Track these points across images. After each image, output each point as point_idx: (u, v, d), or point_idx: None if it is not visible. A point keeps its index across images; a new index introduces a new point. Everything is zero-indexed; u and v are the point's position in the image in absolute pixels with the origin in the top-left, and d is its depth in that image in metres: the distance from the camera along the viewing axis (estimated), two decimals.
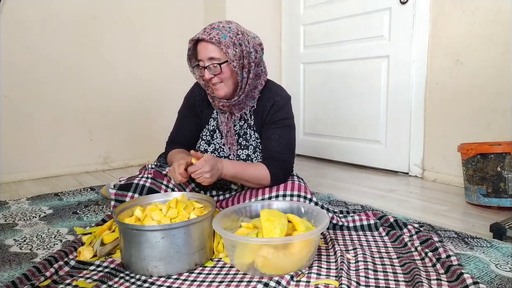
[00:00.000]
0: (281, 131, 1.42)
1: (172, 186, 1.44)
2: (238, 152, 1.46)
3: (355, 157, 2.56)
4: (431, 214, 1.60)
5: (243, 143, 1.46)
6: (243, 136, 1.46)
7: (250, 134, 1.46)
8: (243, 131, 1.46)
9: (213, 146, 1.48)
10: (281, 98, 1.44)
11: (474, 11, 1.92)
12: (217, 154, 1.47)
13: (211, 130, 1.50)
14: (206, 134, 1.50)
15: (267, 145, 1.41)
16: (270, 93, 1.44)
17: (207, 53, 1.30)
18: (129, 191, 1.34)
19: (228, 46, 1.29)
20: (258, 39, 1.40)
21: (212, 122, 1.50)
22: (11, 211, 1.65)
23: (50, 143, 2.36)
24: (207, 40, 1.29)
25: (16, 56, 2.20)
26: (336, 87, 2.61)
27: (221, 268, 1.09)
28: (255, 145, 1.46)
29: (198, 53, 1.34)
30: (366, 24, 2.38)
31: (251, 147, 1.46)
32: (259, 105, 1.44)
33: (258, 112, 1.45)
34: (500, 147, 1.59)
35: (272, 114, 1.42)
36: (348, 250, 1.19)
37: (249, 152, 1.46)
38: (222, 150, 1.48)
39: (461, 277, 0.95)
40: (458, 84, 2.02)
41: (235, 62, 1.31)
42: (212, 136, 1.49)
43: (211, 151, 1.48)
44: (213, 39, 1.28)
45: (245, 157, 1.45)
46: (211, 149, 1.48)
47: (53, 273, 1.03)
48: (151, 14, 2.65)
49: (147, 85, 2.67)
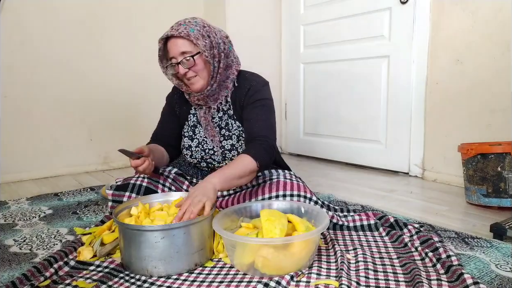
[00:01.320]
0: (259, 110, 1.41)
1: (169, 185, 1.45)
2: (223, 143, 1.47)
3: (355, 157, 2.56)
4: (431, 214, 1.60)
5: (226, 134, 1.47)
6: (225, 127, 1.47)
7: (232, 124, 1.47)
8: (224, 122, 1.47)
9: (197, 140, 1.50)
10: (257, 82, 1.45)
11: (474, 11, 1.92)
12: (201, 148, 1.49)
13: (192, 126, 1.51)
14: (187, 131, 1.52)
15: (247, 127, 1.40)
16: (246, 80, 1.46)
17: (178, 48, 1.32)
18: (126, 191, 1.36)
19: (198, 38, 1.31)
20: (224, 32, 1.44)
21: (192, 118, 1.52)
22: (11, 211, 1.64)
23: (50, 143, 2.36)
24: (177, 36, 1.31)
25: (16, 56, 2.20)
26: (336, 87, 2.61)
27: (221, 268, 1.09)
28: (238, 134, 1.47)
29: (169, 51, 1.35)
30: (366, 24, 2.38)
31: (234, 136, 1.47)
32: (236, 93, 1.45)
33: (235, 100, 1.45)
34: (500, 147, 1.59)
35: (249, 97, 1.42)
36: (348, 250, 1.18)
37: (233, 142, 1.47)
38: (205, 142, 1.49)
39: (462, 277, 0.95)
40: (458, 84, 2.02)
41: (207, 52, 1.32)
42: (193, 131, 1.51)
43: (195, 146, 1.50)
44: (182, 33, 1.30)
45: (230, 147, 1.47)
46: (195, 143, 1.50)
47: (53, 273, 1.03)
48: (151, 14, 2.65)
49: (147, 85, 2.67)
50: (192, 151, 1.50)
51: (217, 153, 1.48)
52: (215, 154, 1.48)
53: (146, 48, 2.64)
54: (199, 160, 1.50)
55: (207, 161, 1.50)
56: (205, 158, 1.49)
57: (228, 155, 1.48)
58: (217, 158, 1.49)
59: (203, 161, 1.50)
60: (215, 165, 1.51)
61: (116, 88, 2.56)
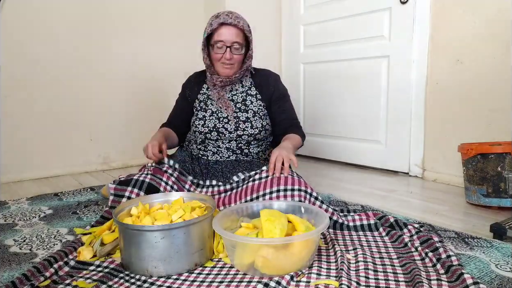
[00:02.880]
0: (289, 103, 1.72)
1: (172, 183, 1.45)
2: (238, 114, 1.60)
3: (355, 157, 2.56)
4: (431, 214, 1.60)
5: (242, 108, 1.62)
6: (242, 102, 1.63)
7: (251, 100, 1.64)
8: (241, 98, 1.63)
9: (210, 110, 1.62)
10: (275, 74, 1.73)
11: (474, 11, 1.92)
12: (215, 116, 1.61)
13: (202, 101, 1.66)
14: (199, 104, 1.66)
15: (288, 116, 1.69)
16: (262, 71, 1.72)
17: (233, 37, 1.51)
18: (129, 186, 1.35)
19: (251, 32, 1.56)
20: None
21: (202, 96, 1.67)
22: (11, 211, 1.64)
23: (50, 143, 2.36)
24: (234, 25, 1.50)
25: (16, 56, 2.20)
26: (336, 87, 2.61)
27: (221, 268, 1.09)
28: (256, 110, 1.63)
29: (221, 34, 1.51)
30: (366, 24, 2.38)
31: (251, 111, 1.62)
32: (260, 81, 1.67)
33: (262, 86, 1.66)
34: (500, 147, 1.59)
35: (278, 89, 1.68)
36: (348, 250, 1.18)
37: (249, 115, 1.61)
38: (220, 111, 1.61)
39: (462, 277, 0.95)
40: (458, 84, 2.02)
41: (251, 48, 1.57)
42: (205, 103, 1.65)
43: (209, 115, 1.62)
44: (239, 25, 1.50)
45: (245, 119, 1.60)
46: (208, 113, 1.62)
47: (52, 273, 1.03)
48: (151, 14, 2.65)
49: (147, 85, 2.67)
50: (206, 120, 1.61)
51: (231, 122, 1.58)
52: (228, 123, 1.59)
53: (147, 48, 2.65)
54: (210, 128, 1.60)
55: (219, 130, 1.59)
56: (218, 127, 1.59)
57: (242, 125, 1.59)
58: (229, 127, 1.59)
59: (215, 130, 1.59)
60: (226, 135, 1.59)
61: (116, 88, 2.56)
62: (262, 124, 1.63)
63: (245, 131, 1.59)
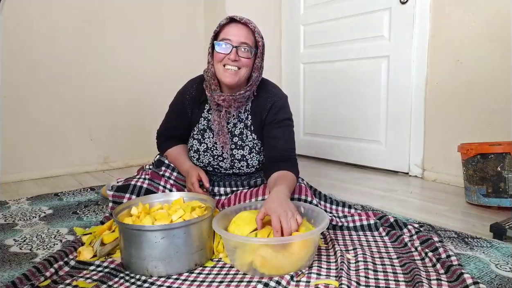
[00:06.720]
0: (285, 130, 1.43)
1: (170, 187, 1.46)
2: (233, 151, 1.43)
3: (355, 157, 2.56)
4: (431, 214, 1.60)
5: (239, 143, 1.43)
6: (238, 136, 1.43)
7: (247, 134, 1.43)
8: (239, 130, 1.43)
9: (205, 145, 1.45)
10: (279, 98, 1.43)
11: (474, 11, 1.92)
12: (210, 153, 1.45)
13: (201, 129, 1.46)
14: (197, 133, 1.47)
15: (276, 144, 1.40)
16: (267, 92, 1.43)
17: (241, 37, 1.30)
18: (127, 192, 1.36)
19: (262, 38, 1.35)
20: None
21: (202, 121, 1.46)
22: (11, 211, 1.64)
23: (50, 143, 2.36)
24: (245, 23, 1.31)
25: (16, 56, 2.20)
26: (336, 87, 2.61)
27: (221, 268, 1.09)
28: (251, 146, 1.44)
29: (228, 32, 1.31)
30: (366, 24, 2.38)
31: (247, 147, 1.44)
32: (256, 105, 1.42)
33: (256, 112, 1.43)
34: (500, 147, 1.59)
35: (273, 114, 1.41)
36: (348, 250, 1.18)
37: (244, 153, 1.43)
38: (215, 148, 1.44)
39: (461, 277, 0.95)
40: (458, 84, 2.02)
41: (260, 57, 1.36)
42: (202, 135, 1.46)
43: (203, 150, 1.45)
44: (249, 25, 1.31)
45: (240, 157, 1.43)
46: (202, 148, 1.45)
47: (53, 273, 1.03)
48: (151, 14, 2.65)
49: (147, 85, 2.67)
50: (200, 155, 1.46)
51: (226, 160, 1.44)
52: (223, 161, 1.45)
53: (147, 48, 2.65)
54: (205, 164, 1.47)
55: (214, 167, 1.48)
56: (213, 164, 1.47)
57: (237, 164, 1.44)
58: (224, 165, 1.46)
59: (210, 166, 1.48)
60: (222, 171, 1.48)
61: (116, 88, 2.56)
62: (258, 161, 1.46)
63: (241, 169, 1.46)
